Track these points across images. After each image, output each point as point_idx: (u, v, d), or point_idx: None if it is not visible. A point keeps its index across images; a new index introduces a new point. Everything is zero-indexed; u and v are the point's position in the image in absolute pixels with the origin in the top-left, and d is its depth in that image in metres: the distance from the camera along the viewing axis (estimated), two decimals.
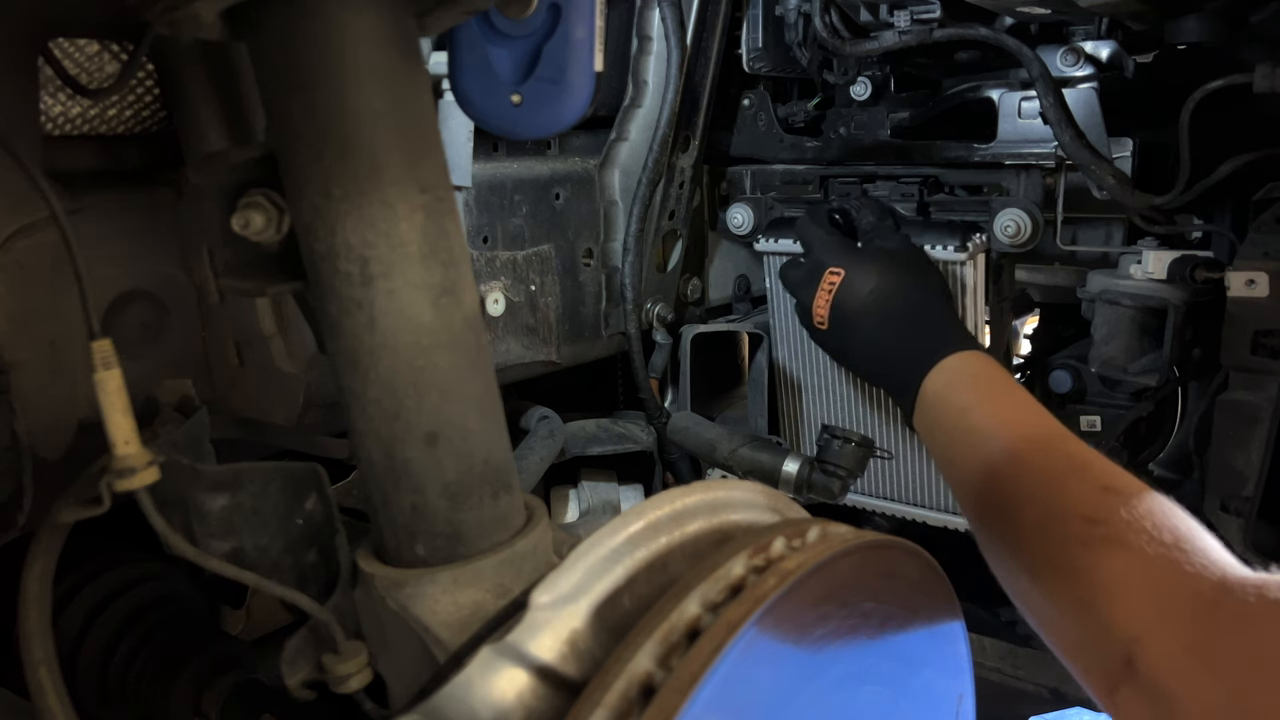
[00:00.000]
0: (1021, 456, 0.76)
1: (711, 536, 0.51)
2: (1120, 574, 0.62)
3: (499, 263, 0.99)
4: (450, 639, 0.49)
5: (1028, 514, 0.71)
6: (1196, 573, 0.60)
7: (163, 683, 0.77)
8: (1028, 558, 0.69)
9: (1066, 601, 0.65)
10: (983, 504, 0.77)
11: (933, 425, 0.88)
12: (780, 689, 0.46)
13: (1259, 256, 0.92)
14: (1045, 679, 1.20)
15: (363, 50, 0.48)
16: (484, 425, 0.53)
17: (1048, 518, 0.69)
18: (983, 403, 0.83)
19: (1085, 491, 0.69)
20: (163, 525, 0.53)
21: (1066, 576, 0.65)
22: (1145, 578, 0.61)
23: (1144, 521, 0.64)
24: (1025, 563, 0.70)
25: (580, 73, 0.61)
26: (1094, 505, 0.67)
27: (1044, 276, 1.31)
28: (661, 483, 1.21)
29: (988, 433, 0.80)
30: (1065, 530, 0.67)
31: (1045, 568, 0.67)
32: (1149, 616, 0.59)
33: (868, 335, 0.95)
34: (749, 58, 1.15)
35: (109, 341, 0.50)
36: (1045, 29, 1.04)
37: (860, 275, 0.97)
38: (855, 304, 0.96)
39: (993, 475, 0.76)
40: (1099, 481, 0.70)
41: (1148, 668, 0.58)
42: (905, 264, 0.98)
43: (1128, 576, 0.62)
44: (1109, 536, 0.64)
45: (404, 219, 0.48)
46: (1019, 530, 0.71)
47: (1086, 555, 0.64)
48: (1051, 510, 0.69)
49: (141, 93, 0.69)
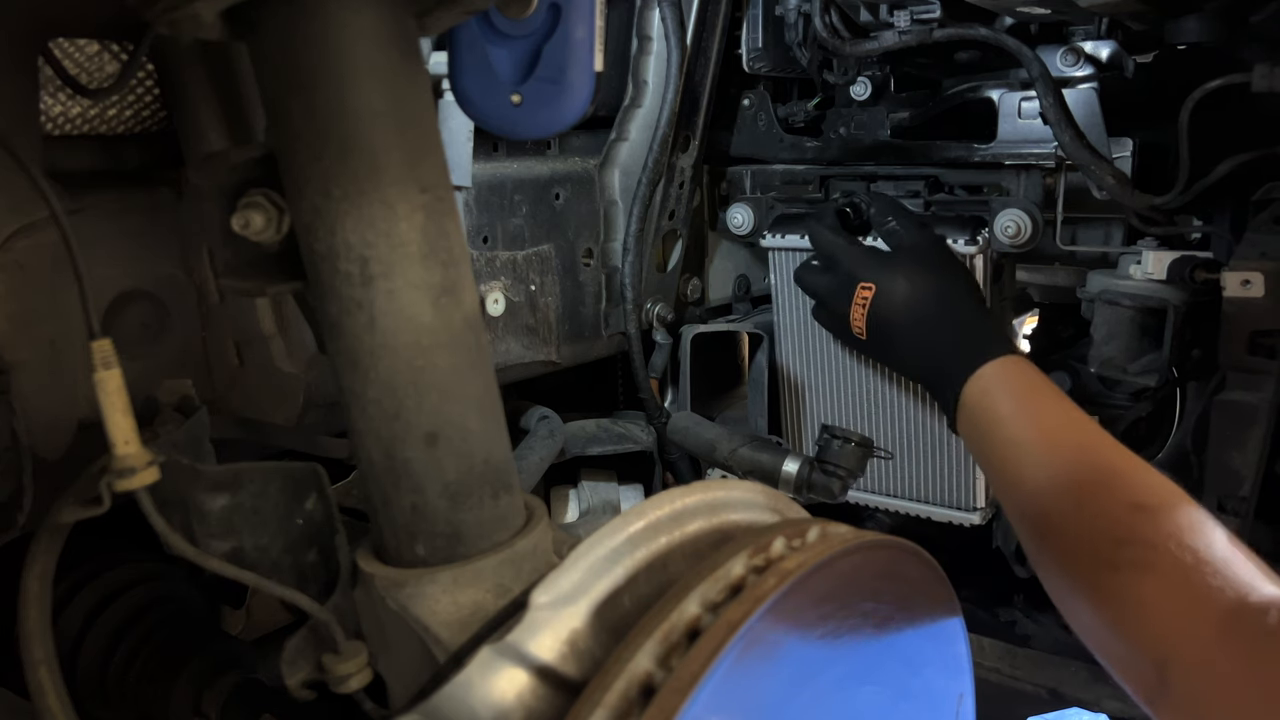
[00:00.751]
0: (1056, 472, 0.77)
1: (711, 536, 0.51)
2: (1146, 597, 0.64)
3: (499, 263, 0.99)
4: (450, 639, 0.49)
5: (1065, 533, 0.72)
6: (1216, 594, 0.61)
7: (163, 683, 0.77)
8: (1068, 575, 0.71)
9: (1102, 621, 0.67)
10: (1026, 519, 0.78)
11: (973, 436, 0.89)
12: (780, 689, 0.46)
13: (1255, 257, 0.92)
14: (1044, 679, 1.20)
15: (363, 50, 0.48)
16: (484, 425, 0.53)
17: (1080, 540, 0.70)
18: (1019, 413, 0.84)
19: (1114, 509, 0.70)
20: (163, 525, 0.53)
21: (1099, 598, 0.67)
22: (1169, 601, 0.63)
23: (1169, 542, 0.65)
24: (1065, 579, 0.71)
25: (580, 73, 0.61)
26: (1122, 526, 0.68)
27: (1044, 276, 1.31)
28: (661, 483, 1.21)
29: (1025, 445, 0.81)
30: (1096, 552, 0.68)
31: (1082, 587, 0.69)
32: (1174, 641, 0.61)
33: (907, 344, 0.96)
34: (749, 58, 1.15)
35: (109, 341, 0.50)
36: (1045, 29, 1.04)
37: (893, 286, 0.97)
38: (892, 314, 0.96)
39: (1033, 491, 0.77)
40: (1128, 498, 0.70)
41: (1178, 690, 0.60)
42: (935, 266, 0.98)
43: (1153, 600, 0.63)
44: (1135, 560, 0.66)
45: (404, 219, 0.48)
46: (1058, 548, 0.73)
47: (1115, 578, 0.66)
48: (1083, 532, 0.71)
49: (141, 93, 0.69)
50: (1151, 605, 0.63)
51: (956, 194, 1.10)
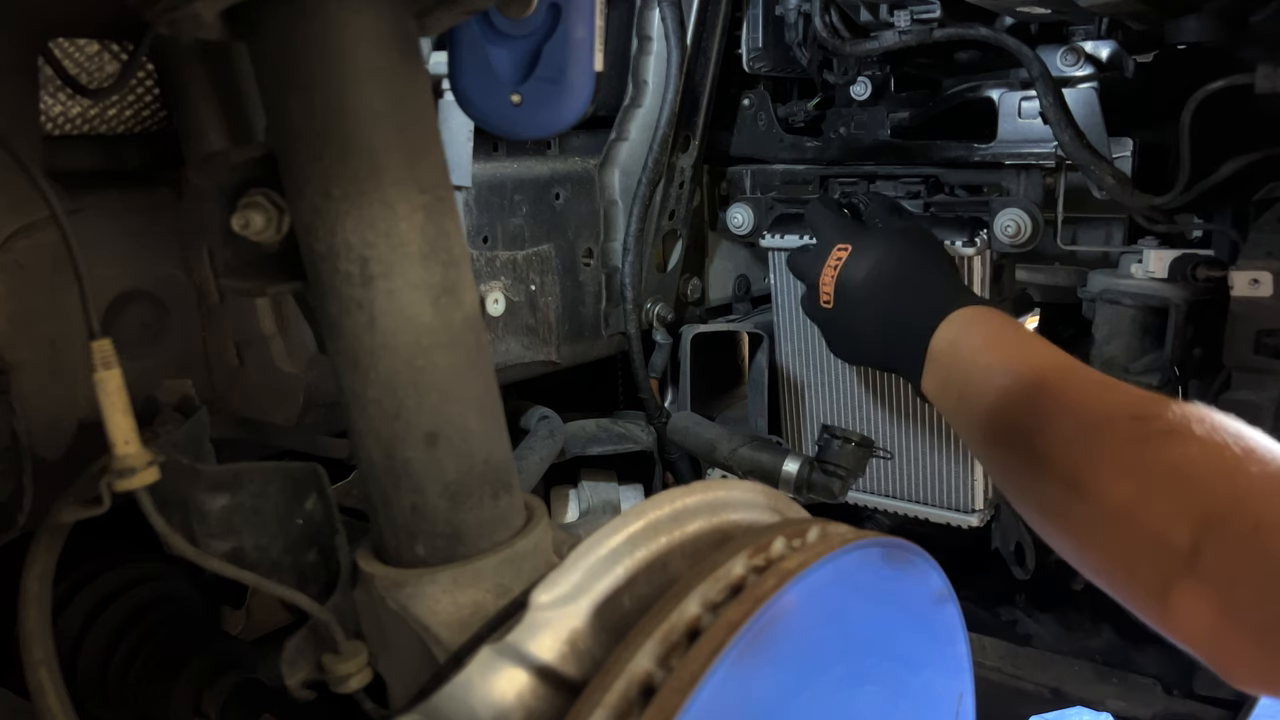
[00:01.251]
0: (1047, 378, 0.74)
1: (711, 536, 0.51)
2: (1185, 460, 0.59)
3: (499, 263, 0.99)
4: (450, 639, 0.49)
5: (1063, 425, 0.68)
6: (1258, 453, 0.57)
7: (163, 683, 0.77)
8: (1065, 468, 0.66)
9: (1117, 501, 0.61)
10: (1003, 430, 0.74)
11: (944, 378, 0.86)
12: (780, 689, 0.46)
13: (1262, 256, 0.92)
14: (1046, 678, 1.20)
15: (362, 50, 0.48)
16: (484, 425, 0.53)
17: (1089, 424, 0.66)
18: (997, 345, 0.82)
19: (1127, 397, 0.67)
20: (163, 525, 0.53)
21: (1119, 473, 0.62)
22: (1213, 461, 0.58)
23: (1199, 414, 0.62)
24: (1062, 474, 0.66)
25: (580, 73, 0.61)
26: (1141, 406, 0.65)
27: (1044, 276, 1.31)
28: (661, 483, 1.21)
29: (1005, 365, 0.78)
30: (1113, 430, 0.64)
31: (1089, 472, 0.64)
32: (1220, 500, 0.56)
33: (873, 307, 0.94)
34: (749, 58, 1.15)
35: (109, 341, 0.50)
36: (1045, 29, 1.04)
37: (866, 248, 0.96)
38: (860, 275, 0.95)
39: (1015, 400, 0.74)
40: (1137, 392, 0.68)
41: (1213, 550, 0.55)
42: (911, 237, 0.97)
43: (1194, 461, 0.59)
44: (1165, 430, 0.62)
45: (404, 219, 0.49)
46: (1052, 444, 0.68)
47: (1141, 449, 0.61)
48: (1093, 416, 0.66)
49: (141, 93, 0.69)
50: (1190, 467, 0.58)
51: (956, 194, 1.10)
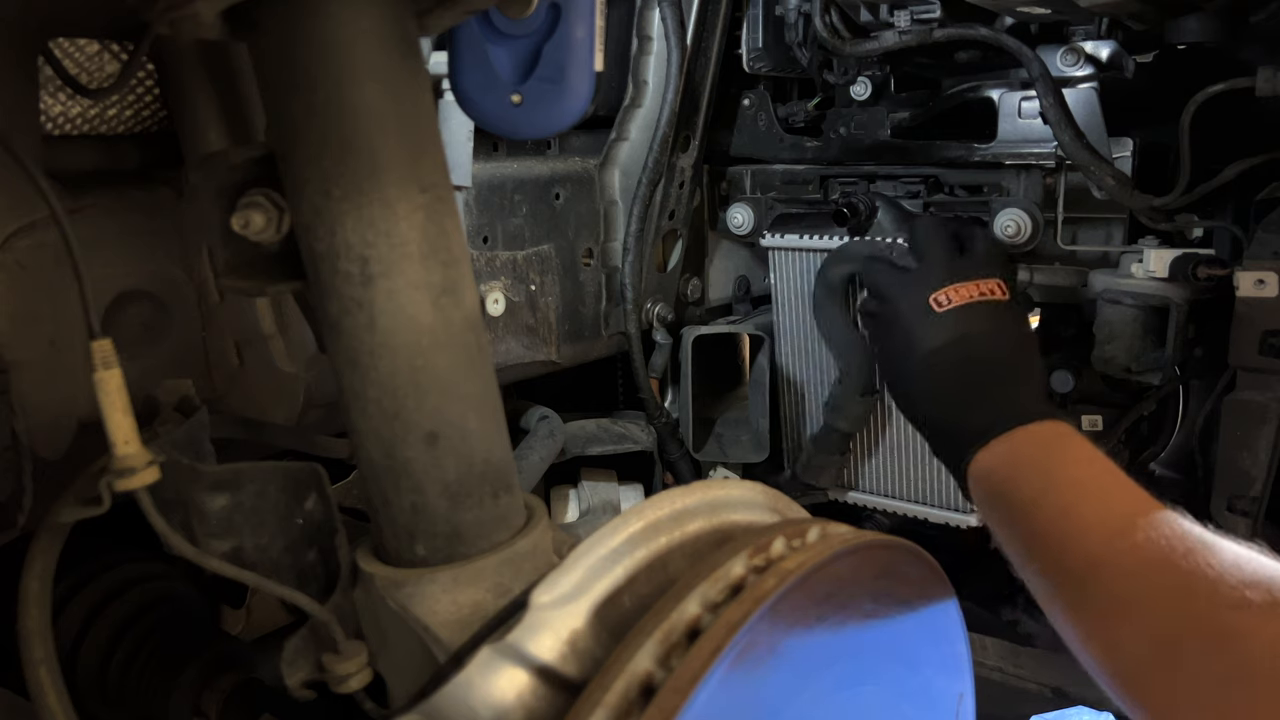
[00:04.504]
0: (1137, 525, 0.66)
1: (711, 536, 0.52)
2: None
3: (499, 263, 0.99)
4: (450, 639, 0.49)
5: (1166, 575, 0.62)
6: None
7: (163, 683, 0.77)
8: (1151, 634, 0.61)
9: (1208, 674, 0.57)
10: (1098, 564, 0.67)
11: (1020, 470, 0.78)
12: (780, 689, 0.46)
13: (1268, 256, 0.92)
14: (1047, 678, 1.20)
15: (363, 50, 0.48)
16: (484, 425, 0.53)
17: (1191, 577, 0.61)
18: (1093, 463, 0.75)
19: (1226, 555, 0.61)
20: (163, 525, 0.53)
21: (1220, 638, 0.57)
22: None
23: None
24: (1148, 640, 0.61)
25: (580, 73, 0.61)
26: (1241, 570, 0.59)
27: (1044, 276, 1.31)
28: (661, 483, 1.21)
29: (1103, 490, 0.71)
30: (1217, 593, 0.59)
31: (1184, 640, 0.59)
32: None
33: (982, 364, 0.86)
34: (749, 58, 1.15)
35: (109, 341, 0.50)
36: (1045, 29, 1.04)
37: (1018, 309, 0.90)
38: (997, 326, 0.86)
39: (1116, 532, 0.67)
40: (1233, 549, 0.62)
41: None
42: None
43: None
44: (1271, 601, 0.57)
45: (404, 219, 0.49)
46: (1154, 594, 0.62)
47: (1246, 617, 0.57)
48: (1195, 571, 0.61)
49: (141, 93, 0.69)
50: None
51: (956, 194, 1.10)
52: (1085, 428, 1.10)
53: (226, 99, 0.66)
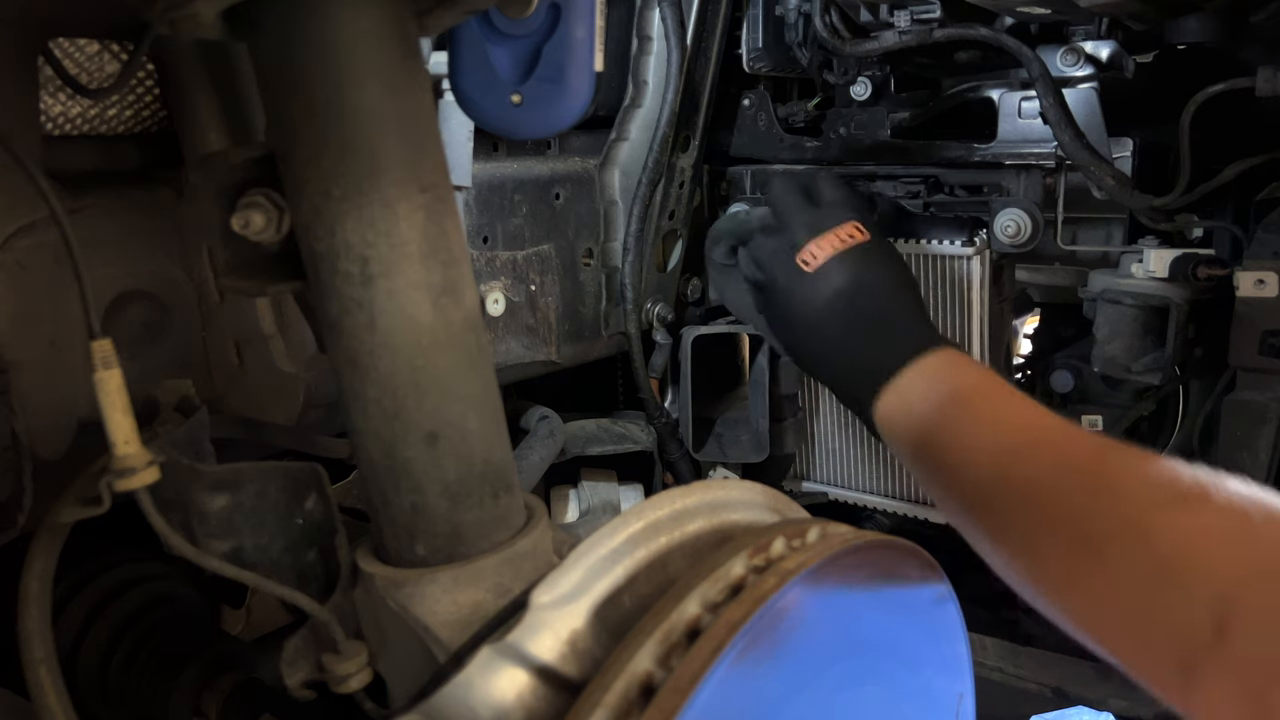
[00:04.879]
0: (1047, 437, 0.69)
1: (711, 536, 0.52)
2: (1202, 528, 0.55)
3: (499, 263, 0.99)
4: (450, 639, 0.49)
5: (1072, 484, 0.63)
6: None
7: (163, 683, 0.77)
8: (1070, 537, 0.61)
9: (1131, 572, 0.56)
10: (998, 493, 0.68)
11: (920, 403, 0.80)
12: (780, 689, 0.46)
13: (1269, 256, 0.92)
14: (1047, 678, 1.20)
15: (363, 50, 0.48)
16: (484, 425, 0.53)
17: (1098, 489, 0.61)
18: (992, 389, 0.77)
19: (1138, 461, 0.62)
20: (163, 525, 0.53)
21: (1132, 541, 0.57)
22: (1235, 531, 0.54)
23: (1214, 479, 0.57)
24: (1067, 543, 0.61)
25: (580, 73, 0.61)
26: (1153, 470, 0.60)
27: (1044, 276, 1.31)
28: (661, 483, 1.21)
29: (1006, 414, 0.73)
30: (1125, 492, 0.59)
31: (1100, 540, 0.59)
32: (1243, 573, 0.52)
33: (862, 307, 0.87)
34: (749, 58, 1.15)
35: (109, 341, 0.50)
36: (1045, 29, 1.04)
37: (885, 246, 0.91)
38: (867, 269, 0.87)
39: (1009, 462, 0.69)
40: (1142, 455, 0.62)
41: (1244, 631, 0.50)
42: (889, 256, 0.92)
43: (1213, 533, 0.54)
44: (1181, 495, 0.57)
45: (404, 219, 0.49)
46: (1057, 511, 0.63)
47: (1157, 515, 0.57)
48: (1102, 482, 0.61)
49: (141, 93, 0.69)
50: (1208, 536, 0.54)
51: (956, 194, 1.10)
52: (1086, 428, 1.10)
53: (226, 99, 0.66)
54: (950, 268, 1.04)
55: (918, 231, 1.05)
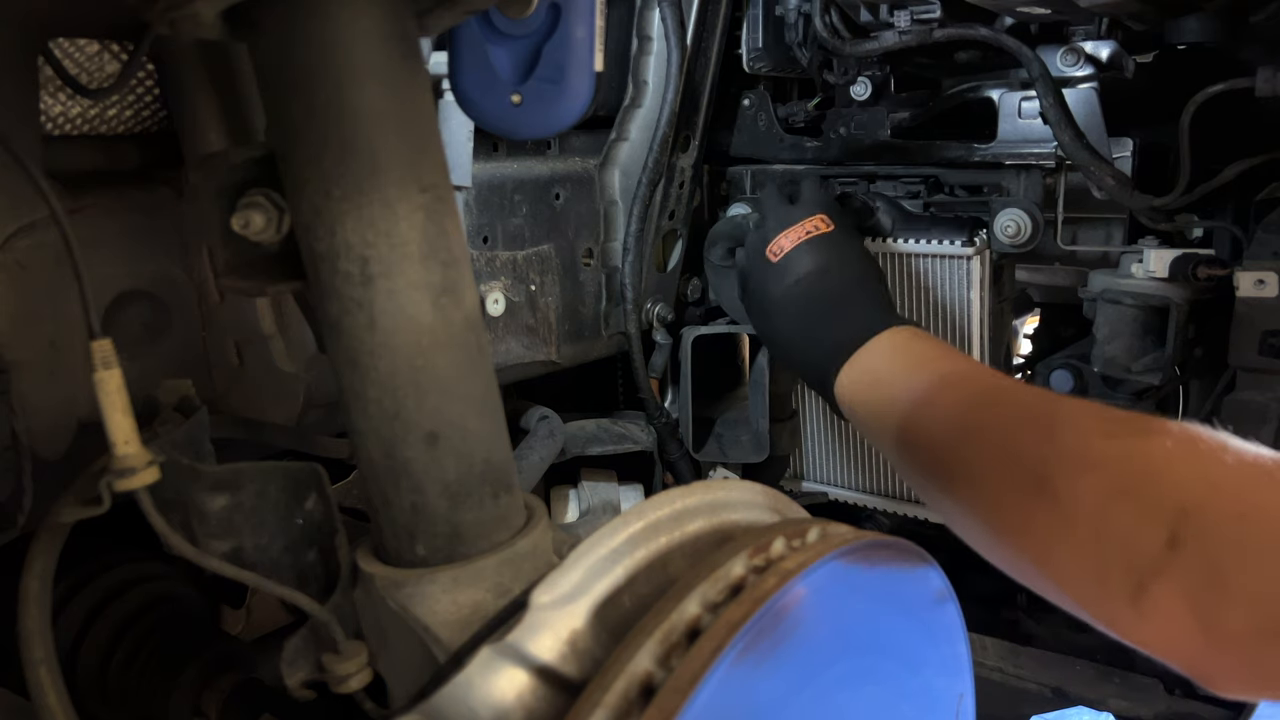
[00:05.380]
0: (1003, 386, 0.73)
1: (711, 536, 0.51)
2: (1159, 453, 0.56)
3: (499, 263, 0.99)
4: (450, 639, 0.49)
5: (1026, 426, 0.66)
6: (1243, 449, 0.54)
7: (163, 683, 0.77)
8: (1028, 479, 0.62)
9: (1087, 498, 0.58)
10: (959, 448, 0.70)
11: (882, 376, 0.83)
12: (780, 689, 0.46)
13: (1268, 257, 0.92)
14: (1047, 678, 1.20)
15: (363, 50, 0.48)
16: (484, 425, 0.53)
17: (1053, 429, 0.63)
18: (949, 355, 0.82)
19: (1087, 404, 0.65)
20: (163, 525, 0.53)
21: (1089, 467, 0.59)
22: (1189, 453, 0.56)
23: (1165, 418, 0.60)
24: (1026, 486, 0.62)
25: (580, 73, 0.61)
26: (1107, 410, 0.63)
27: (1044, 276, 1.31)
28: (661, 483, 1.21)
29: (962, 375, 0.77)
30: (1081, 428, 0.61)
31: (1057, 467, 0.60)
32: (1198, 488, 0.53)
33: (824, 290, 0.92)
34: (749, 58, 1.15)
35: (109, 341, 0.50)
36: (1045, 29, 1.04)
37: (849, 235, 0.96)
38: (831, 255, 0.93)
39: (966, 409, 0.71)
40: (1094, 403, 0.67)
41: (1197, 541, 0.51)
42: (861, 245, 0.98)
43: (1169, 454, 0.56)
44: (1137, 428, 0.59)
45: (404, 219, 0.48)
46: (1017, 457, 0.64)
47: (1112, 445, 0.59)
48: (1057, 422, 0.63)
49: (141, 93, 0.69)
50: (1165, 460, 0.56)
51: (956, 194, 1.10)
52: None
53: (226, 99, 0.66)
54: (950, 267, 1.04)
55: (918, 231, 1.05)
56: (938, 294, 1.06)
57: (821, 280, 0.92)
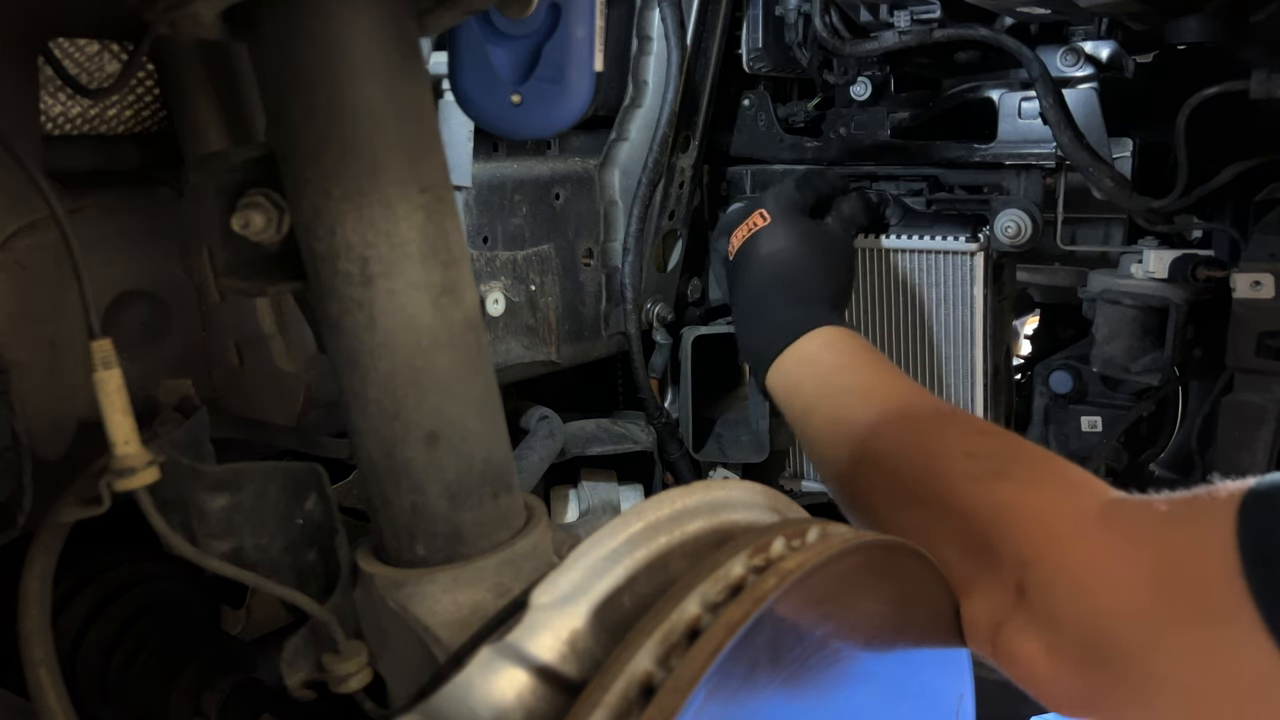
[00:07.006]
0: (903, 408, 0.77)
1: (711, 536, 0.51)
2: (1008, 503, 0.63)
3: (499, 263, 0.99)
4: (450, 639, 0.49)
5: (912, 460, 0.71)
6: (1082, 497, 0.61)
7: (163, 682, 0.77)
8: (914, 504, 0.69)
9: (956, 541, 0.64)
10: (859, 458, 0.75)
11: (799, 382, 0.88)
12: (780, 689, 0.46)
13: (1265, 258, 0.92)
14: None
15: (362, 50, 0.48)
16: (484, 425, 0.53)
17: (931, 458, 0.69)
18: (857, 366, 0.85)
19: (963, 435, 0.71)
20: (163, 525, 0.53)
21: (955, 514, 0.65)
22: (1033, 504, 0.62)
23: (1022, 452, 0.67)
24: (911, 510, 0.69)
25: (580, 73, 0.61)
26: (974, 444, 0.69)
27: (1044, 276, 1.31)
28: (661, 483, 1.21)
29: (864, 390, 0.81)
30: (950, 469, 0.67)
31: (934, 509, 0.67)
32: (1038, 541, 0.60)
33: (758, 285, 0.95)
34: (749, 58, 1.15)
35: (109, 341, 0.50)
36: (1045, 29, 1.04)
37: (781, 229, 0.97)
38: (761, 251, 0.96)
39: (872, 428, 0.76)
40: (973, 427, 0.75)
41: (1037, 590, 0.58)
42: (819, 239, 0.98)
43: (1015, 504, 0.63)
44: (993, 470, 0.66)
45: (404, 219, 0.48)
46: (902, 478, 0.71)
47: (973, 489, 0.65)
48: (935, 451, 0.70)
49: (141, 93, 0.69)
50: (1012, 510, 0.62)
51: (957, 194, 1.10)
52: (1084, 428, 1.10)
53: (226, 99, 0.66)
54: (954, 264, 1.04)
55: (921, 228, 1.06)
56: (941, 290, 1.06)
57: (754, 281, 0.96)
